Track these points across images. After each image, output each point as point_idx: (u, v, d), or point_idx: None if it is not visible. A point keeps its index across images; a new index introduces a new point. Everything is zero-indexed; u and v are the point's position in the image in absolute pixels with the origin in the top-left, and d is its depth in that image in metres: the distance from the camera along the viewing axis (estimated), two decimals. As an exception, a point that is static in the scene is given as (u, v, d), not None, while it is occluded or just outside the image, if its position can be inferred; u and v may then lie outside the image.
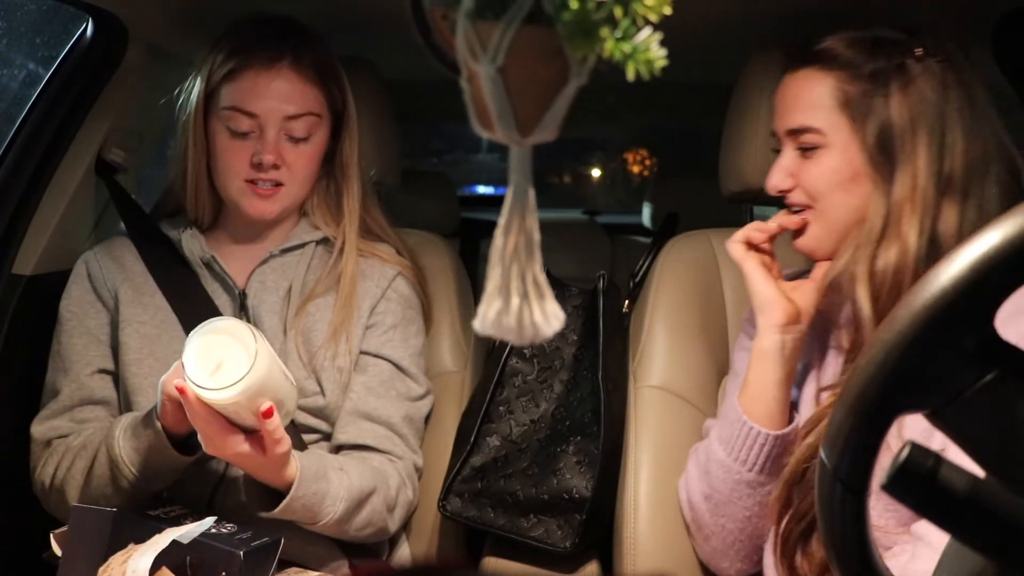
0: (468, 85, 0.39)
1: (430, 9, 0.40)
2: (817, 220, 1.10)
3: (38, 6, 1.78)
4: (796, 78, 1.11)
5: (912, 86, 1.04)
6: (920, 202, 1.02)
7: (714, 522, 1.16)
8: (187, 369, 1.00)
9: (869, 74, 1.06)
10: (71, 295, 1.29)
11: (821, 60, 1.09)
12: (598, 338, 1.35)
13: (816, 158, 1.09)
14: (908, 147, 1.03)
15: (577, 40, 0.37)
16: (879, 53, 1.06)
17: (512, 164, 0.40)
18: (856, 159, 1.06)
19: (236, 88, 1.21)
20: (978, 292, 0.51)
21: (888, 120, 1.04)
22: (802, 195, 1.11)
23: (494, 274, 0.41)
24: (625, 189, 5.94)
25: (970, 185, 1.03)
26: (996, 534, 0.53)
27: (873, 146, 1.05)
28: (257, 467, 1.08)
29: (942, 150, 1.03)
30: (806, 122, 1.09)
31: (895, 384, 0.53)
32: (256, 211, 1.25)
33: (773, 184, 1.13)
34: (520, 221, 0.40)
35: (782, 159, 1.13)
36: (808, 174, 1.10)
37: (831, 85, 1.07)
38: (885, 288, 1.03)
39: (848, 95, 1.06)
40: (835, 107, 1.07)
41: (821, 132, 1.08)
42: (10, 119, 1.45)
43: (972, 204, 1.02)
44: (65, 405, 1.24)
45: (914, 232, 1.02)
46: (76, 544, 1.04)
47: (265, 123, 1.21)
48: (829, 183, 1.08)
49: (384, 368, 1.29)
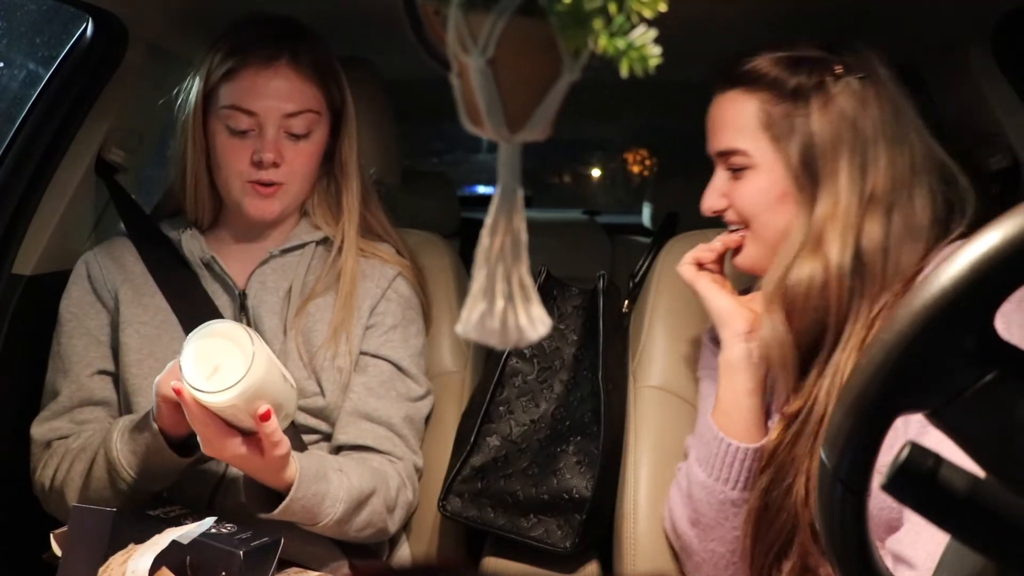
0: (458, 79, 0.39)
1: (422, 4, 0.39)
2: (753, 239, 1.12)
3: (38, 6, 1.78)
4: (723, 100, 1.13)
5: (832, 104, 1.05)
6: (842, 219, 1.03)
7: (703, 548, 1.14)
8: (184, 372, 1.00)
9: (790, 94, 1.07)
10: (71, 296, 1.29)
11: (745, 81, 1.10)
12: (598, 338, 1.34)
13: (745, 179, 1.10)
14: (830, 166, 1.04)
15: (569, 32, 0.36)
16: (800, 72, 1.07)
17: (500, 162, 0.40)
18: (782, 179, 1.07)
19: (235, 87, 1.21)
20: (978, 292, 0.50)
21: (810, 140, 1.05)
22: (736, 215, 1.13)
23: (479, 275, 0.40)
24: (625, 189, 5.93)
25: (895, 199, 1.04)
26: (996, 534, 0.52)
27: (797, 166, 1.06)
28: (256, 469, 1.07)
29: (864, 167, 1.04)
30: (732, 144, 1.10)
31: (895, 384, 0.53)
32: (257, 211, 1.25)
33: (707, 206, 1.15)
34: (507, 221, 0.39)
35: (715, 180, 1.14)
36: (739, 195, 1.11)
37: (755, 107, 1.09)
38: (798, 303, 1.04)
39: (771, 116, 1.07)
40: (759, 128, 1.08)
41: (747, 154, 1.09)
42: (10, 119, 1.45)
43: (898, 217, 1.03)
44: (65, 406, 1.24)
45: (835, 248, 1.03)
46: (76, 544, 1.04)
47: (264, 121, 1.21)
48: (758, 203, 1.09)
49: (384, 369, 1.29)
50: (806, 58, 1.08)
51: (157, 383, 1.08)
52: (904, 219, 1.03)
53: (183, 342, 1.03)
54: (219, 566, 1.00)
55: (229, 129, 1.22)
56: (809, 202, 1.06)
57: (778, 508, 1.04)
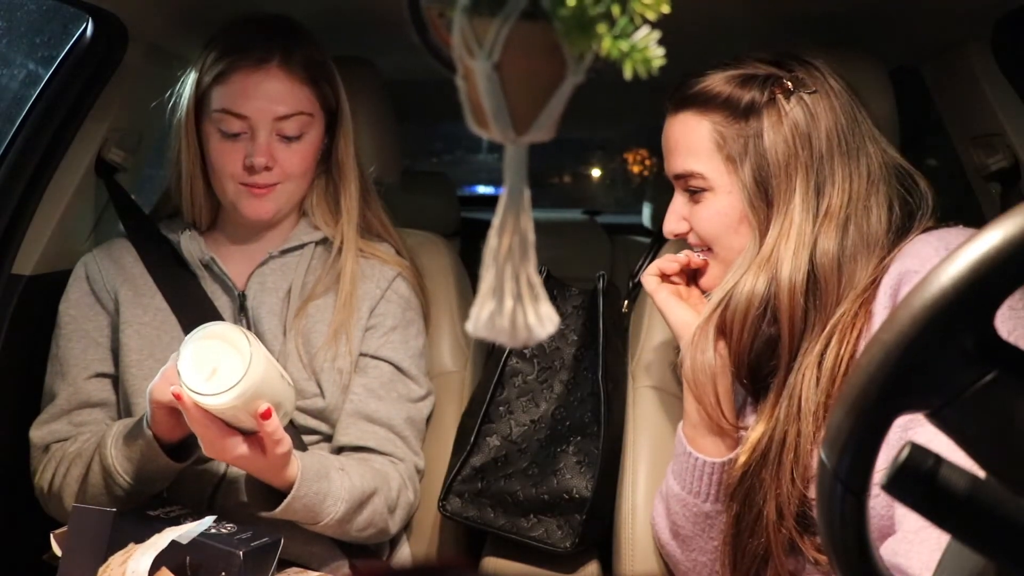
0: (464, 83, 0.39)
1: (427, 7, 0.39)
2: (715, 262, 1.11)
3: (38, 6, 1.77)
4: (676, 122, 1.11)
5: (784, 120, 1.03)
6: (795, 238, 1.02)
7: (687, 558, 1.15)
8: (183, 376, 0.99)
9: (742, 113, 1.05)
10: (69, 298, 1.29)
11: (696, 102, 1.08)
12: (598, 338, 1.35)
13: (704, 202, 1.09)
14: (784, 184, 1.03)
15: (574, 36, 0.36)
16: (750, 90, 1.05)
17: (507, 163, 0.40)
18: (739, 202, 1.06)
19: (226, 90, 1.21)
20: (978, 292, 0.51)
21: (764, 159, 1.04)
22: (697, 238, 1.11)
23: (488, 275, 0.41)
24: (625, 189, 5.94)
25: (851, 212, 1.02)
26: (996, 534, 0.52)
27: (752, 187, 1.04)
28: (258, 468, 1.08)
29: (820, 184, 1.02)
30: (687, 167, 1.09)
31: (895, 384, 0.53)
32: (252, 212, 1.24)
33: (668, 229, 1.13)
34: (515, 221, 0.40)
35: (674, 204, 1.12)
36: (698, 218, 1.10)
37: (708, 128, 1.07)
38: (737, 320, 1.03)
39: (724, 137, 1.06)
40: (713, 150, 1.07)
41: (703, 176, 1.07)
42: (10, 119, 1.45)
43: (853, 230, 1.02)
44: (62, 408, 1.24)
45: (788, 267, 1.01)
46: (76, 544, 1.04)
47: (256, 124, 1.21)
48: (718, 226, 1.08)
49: (385, 370, 1.29)
50: (755, 75, 1.06)
51: (151, 389, 1.08)
52: (859, 231, 1.02)
53: (181, 345, 1.03)
54: (219, 566, 1.00)
55: (221, 133, 1.22)
56: (760, 223, 1.05)
57: (750, 533, 1.04)
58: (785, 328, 1.02)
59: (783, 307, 1.01)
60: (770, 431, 1.02)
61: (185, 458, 1.13)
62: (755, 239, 1.05)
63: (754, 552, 1.04)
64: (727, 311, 1.04)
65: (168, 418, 1.08)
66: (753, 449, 1.04)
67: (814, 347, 1.01)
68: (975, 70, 1.37)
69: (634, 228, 2.92)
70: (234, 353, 1.01)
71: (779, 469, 1.01)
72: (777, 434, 1.02)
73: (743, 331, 1.03)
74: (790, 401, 1.01)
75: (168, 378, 1.06)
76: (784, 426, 1.01)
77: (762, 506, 1.02)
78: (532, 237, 0.41)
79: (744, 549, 1.05)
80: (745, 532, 1.04)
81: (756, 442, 1.04)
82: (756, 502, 1.03)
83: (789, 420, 1.00)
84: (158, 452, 1.10)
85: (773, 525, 1.01)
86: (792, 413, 1.00)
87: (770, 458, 1.02)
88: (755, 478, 1.03)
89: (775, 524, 1.01)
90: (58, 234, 1.41)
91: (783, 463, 1.00)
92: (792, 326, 1.02)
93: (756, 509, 1.03)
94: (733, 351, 1.05)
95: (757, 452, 1.03)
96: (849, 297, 1.01)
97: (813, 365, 1.00)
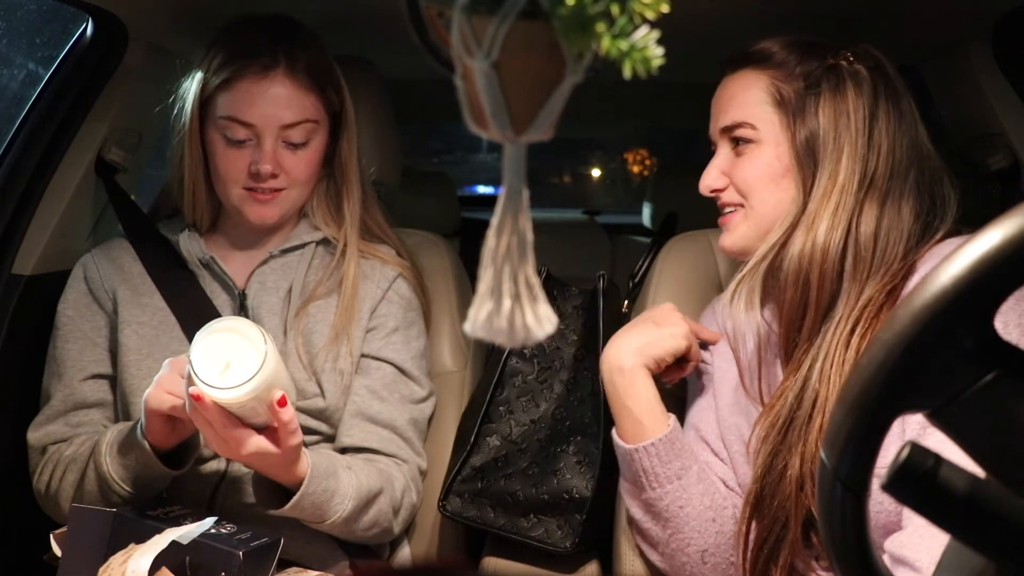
0: (462, 82, 0.39)
1: (425, 6, 0.39)
2: (747, 218, 1.12)
3: (38, 6, 1.78)
4: (733, 79, 1.14)
5: (842, 88, 1.07)
6: (836, 198, 1.04)
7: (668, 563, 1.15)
8: (199, 373, 0.98)
9: (802, 75, 1.08)
10: (67, 299, 1.29)
11: (756, 61, 1.12)
12: (598, 338, 1.34)
13: (748, 154, 1.11)
14: (833, 146, 1.06)
15: (573, 35, 0.36)
16: (812, 55, 1.09)
17: (505, 163, 0.40)
18: (785, 155, 1.08)
19: (231, 98, 1.20)
20: (978, 292, 0.51)
21: (816, 120, 1.07)
22: (734, 194, 1.13)
23: (486, 275, 0.40)
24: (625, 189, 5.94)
25: (891, 187, 1.05)
26: (996, 534, 0.52)
27: (802, 143, 1.07)
28: (270, 465, 1.07)
29: (867, 151, 1.05)
30: (739, 118, 1.11)
31: (895, 384, 0.53)
32: (257, 216, 1.24)
33: (706, 183, 1.15)
34: (513, 221, 0.40)
35: (715, 159, 1.15)
36: (740, 170, 1.11)
37: (766, 83, 1.10)
38: (789, 280, 1.05)
39: (782, 93, 1.09)
40: (769, 103, 1.10)
41: (754, 127, 1.10)
42: (10, 119, 1.45)
43: (891, 206, 1.04)
44: (58, 410, 1.24)
45: (825, 227, 1.04)
46: (76, 544, 1.04)
47: (262, 132, 1.20)
48: (760, 178, 1.10)
49: (387, 371, 1.29)
50: (819, 43, 1.11)
51: (147, 398, 1.07)
52: (895, 211, 1.05)
53: (182, 343, 1.02)
54: (219, 566, 1.00)
55: (226, 139, 1.21)
56: (805, 181, 1.07)
57: (772, 494, 1.04)
58: (815, 289, 1.04)
59: (816, 268, 1.03)
60: (798, 391, 1.04)
61: (181, 465, 1.13)
62: (799, 197, 1.07)
63: (771, 520, 1.04)
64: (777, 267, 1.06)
65: (163, 426, 1.07)
66: (780, 408, 1.05)
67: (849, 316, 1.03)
68: (975, 70, 1.37)
69: (634, 228, 2.92)
70: (245, 345, 1.00)
71: (807, 428, 1.02)
72: (807, 394, 1.03)
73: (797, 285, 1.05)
74: (823, 362, 1.03)
75: (164, 386, 1.05)
76: (815, 386, 1.03)
77: (785, 467, 1.03)
78: (531, 237, 0.41)
79: (764, 515, 1.05)
80: (767, 494, 1.05)
81: (784, 400, 1.05)
82: (780, 463, 1.04)
83: (821, 381, 1.02)
84: (154, 461, 1.10)
85: (796, 487, 1.02)
86: (824, 374, 1.02)
87: (799, 417, 1.03)
88: (780, 439, 1.05)
89: (798, 486, 1.02)
90: (58, 234, 1.41)
91: (812, 423, 1.02)
92: (822, 288, 1.04)
93: (779, 470, 1.04)
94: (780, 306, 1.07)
95: (784, 412, 1.05)
96: (880, 274, 1.03)
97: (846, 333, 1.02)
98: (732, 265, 1.36)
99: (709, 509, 1.11)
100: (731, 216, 1.14)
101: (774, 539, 1.04)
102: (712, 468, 1.16)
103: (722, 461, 1.16)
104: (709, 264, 1.38)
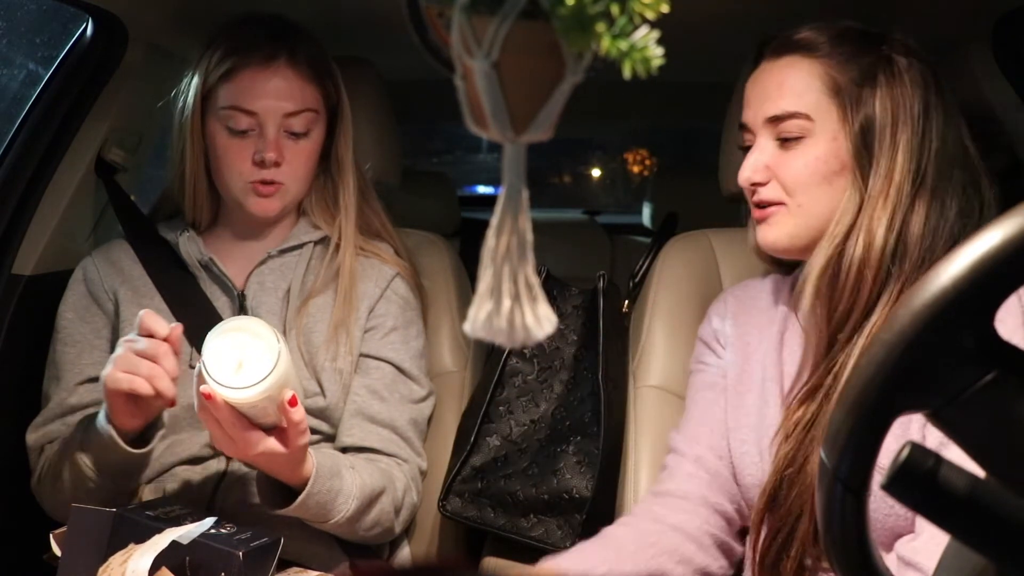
0: (462, 82, 0.39)
1: (425, 6, 0.39)
2: (792, 215, 1.05)
3: (38, 6, 1.78)
4: (778, 65, 1.07)
5: (899, 80, 1.02)
6: (894, 197, 1.00)
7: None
8: (212, 373, 0.98)
9: (858, 63, 1.03)
10: (67, 302, 1.29)
11: (806, 47, 1.05)
12: (598, 338, 1.35)
13: (799, 148, 1.04)
14: (889, 140, 1.01)
15: (573, 35, 0.36)
16: (867, 44, 1.04)
17: (505, 163, 0.40)
18: (842, 150, 1.02)
19: (234, 87, 1.22)
20: (978, 292, 0.51)
21: (873, 112, 1.01)
22: (776, 190, 1.06)
23: (485, 275, 0.41)
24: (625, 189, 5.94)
25: (939, 185, 1.01)
26: (996, 534, 0.52)
27: (859, 138, 1.02)
28: (277, 465, 1.07)
29: (921, 147, 1.01)
30: (792, 108, 1.04)
31: (895, 384, 0.53)
32: (260, 209, 1.25)
33: (747, 177, 1.07)
34: (512, 221, 0.40)
35: (758, 151, 1.07)
36: (789, 166, 1.04)
37: (820, 71, 1.03)
38: (848, 282, 1.01)
39: (838, 82, 1.03)
40: (825, 93, 1.03)
41: (809, 118, 1.03)
42: (10, 119, 1.45)
43: (937, 205, 1.01)
44: (55, 413, 1.24)
45: (883, 227, 0.99)
46: (76, 544, 1.04)
47: (265, 121, 1.22)
48: (813, 175, 1.03)
49: (387, 371, 1.29)
50: (872, 32, 1.05)
51: (104, 378, 1.05)
52: (942, 208, 1.01)
53: (181, 345, 1.02)
54: (218, 566, 0.99)
55: (229, 129, 1.22)
56: (864, 177, 1.02)
57: (790, 485, 1.02)
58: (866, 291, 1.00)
59: (870, 269, 0.99)
60: (828, 390, 1.00)
61: (145, 446, 1.11)
62: (854, 194, 1.02)
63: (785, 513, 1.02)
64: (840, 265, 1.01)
65: (125, 407, 1.06)
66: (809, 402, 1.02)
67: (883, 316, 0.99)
68: (975, 70, 1.37)
69: (634, 228, 2.92)
70: (257, 345, 0.99)
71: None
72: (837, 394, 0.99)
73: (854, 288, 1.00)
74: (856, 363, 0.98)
75: (119, 365, 1.04)
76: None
77: (806, 460, 1.01)
78: (530, 237, 0.41)
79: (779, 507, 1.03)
80: (785, 485, 1.02)
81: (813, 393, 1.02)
82: (801, 456, 1.01)
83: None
84: (115, 441, 1.08)
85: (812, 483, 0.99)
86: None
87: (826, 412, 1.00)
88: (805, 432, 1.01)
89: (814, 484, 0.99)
90: (58, 234, 1.41)
91: None
92: (872, 289, 1.00)
93: (800, 463, 1.01)
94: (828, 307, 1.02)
95: (813, 406, 1.01)
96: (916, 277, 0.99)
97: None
98: (732, 265, 1.37)
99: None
100: (772, 211, 1.06)
101: (788, 530, 1.02)
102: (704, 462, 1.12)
103: (719, 457, 1.13)
104: (709, 264, 1.38)
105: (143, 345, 1.04)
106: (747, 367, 1.14)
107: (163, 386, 1.04)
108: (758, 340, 1.15)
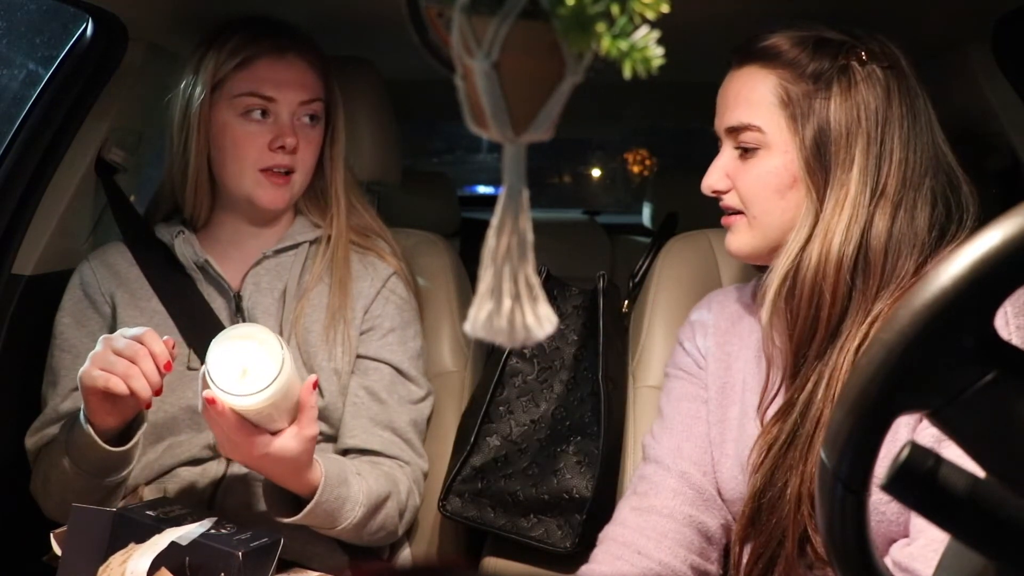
0: (463, 82, 0.39)
1: (425, 6, 0.39)
2: (751, 226, 1.07)
3: (38, 6, 1.78)
4: (739, 75, 1.07)
5: (855, 90, 1.01)
6: (850, 209, 0.99)
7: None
8: (216, 380, 0.98)
9: (812, 75, 1.02)
10: (64, 307, 1.30)
11: (764, 57, 1.05)
12: (598, 338, 1.35)
13: (755, 160, 1.05)
14: (844, 153, 1.00)
15: (573, 35, 0.37)
16: (823, 53, 1.02)
17: (505, 163, 0.40)
18: (793, 163, 1.02)
19: (250, 75, 1.24)
20: (978, 292, 0.51)
21: (827, 125, 1.01)
22: (736, 199, 1.07)
23: (486, 275, 0.41)
24: (625, 189, 5.94)
25: (903, 197, 1.00)
26: (996, 534, 0.52)
27: (810, 150, 1.01)
28: (283, 471, 1.07)
29: (879, 159, 1.00)
30: (745, 120, 1.04)
31: (895, 384, 0.53)
32: (270, 200, 1.26)
33: (708, 184, 1.09)
34: (513, 221, 0.40)
35: (720, 159, 1.09)
36: (745, 176, 1.06)
37: (773, 83, 1.03)
38: (804, 293, 1.00)
39: (789, 94, 1.02)
40: (776, 106, 1.03)
41: (760, 131, 1.04)
42: (10, 119, 1.45)
43: (903, 217, 1.00)
44: (51, 417, 1.24)
45: (839, 240, 0.99)
46: (76, 544, 1.04)
47: (281, 108, 1.25)
48: (766, 186, 1.04)
49: (385, 372, 1.29)
50: (830, 40, 1.03)
51: (81, 376, 1.06)
52: (908, 221, 1.00)
53: (180, 347, 1.02)
54: (218, 567, 0.99)
55: (243, 118, 1.24)
56: (818, 190, 1.01)
57: (770, 510, 1.02)
58: (827, 304, 1.00)
59: (829, 282, 0.99)
60: (802, 409, 1.00)
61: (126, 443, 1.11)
62: (810, 206, 1.02)
63: (767, 538, 1.01)
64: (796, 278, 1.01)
65: (101, 404, 1.06)
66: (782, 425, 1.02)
67: (856, 334, 0.99)
68: (975, 70, 1.37)
69: (634, 228, 2.92)
70: (261, 352, 1.00)
71: (809, 447, 0.99)
72: (811, 413, 0.99)
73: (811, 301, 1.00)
74: (828, 381, 0.99)
75: (96, 363, 1.04)
76: (819, 407, 0.99)
77: (785, 484, 1.00)
78: (531, 237, 0.41)
79: (759, 531, 1.02)
80: (765, 511, 1.02)
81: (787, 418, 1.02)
82: (779, 480, 1.01)
83: (826, 400, 0.98)
84: (93, 440, 1.08)
85: (794, 506, 0.99)
86: (830, 393, 0.98)
87: (801, 435, 1.00)
88: (781, 456, 1.01)
89: (795, 505, 0.99)
90: (58, 234, 1.41)
91: (814, 442, 0.98)
92: (834, 303, 0.99)
93: (779, 487, 1.01)
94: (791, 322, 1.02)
95: (787, 429, 1.01)
96: (890, 288, 0.99)
97: (853, 351, 0.98)
98: (732, 265, 1.37)
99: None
100: (734, 219, 1.09)
101: (769, 555, 1.02)
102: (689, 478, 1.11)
103: (703, 473, 1.11)
104: (709, 264, 1.38)
105: (122, 344, 1.04)
106: (729, 379, 1.13)
107: (138, 386, 1.04)
108: (739, 349, 1.14)
